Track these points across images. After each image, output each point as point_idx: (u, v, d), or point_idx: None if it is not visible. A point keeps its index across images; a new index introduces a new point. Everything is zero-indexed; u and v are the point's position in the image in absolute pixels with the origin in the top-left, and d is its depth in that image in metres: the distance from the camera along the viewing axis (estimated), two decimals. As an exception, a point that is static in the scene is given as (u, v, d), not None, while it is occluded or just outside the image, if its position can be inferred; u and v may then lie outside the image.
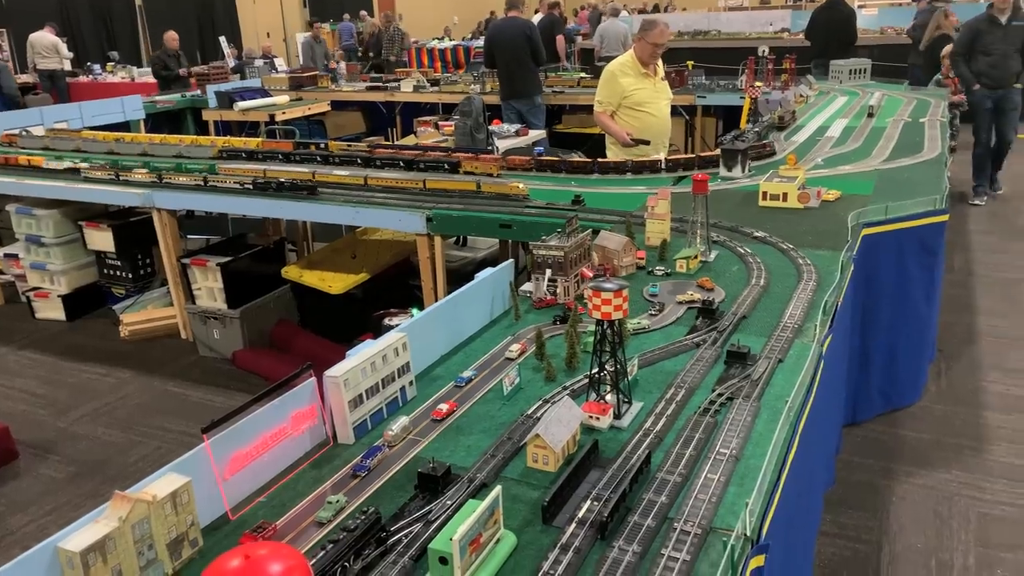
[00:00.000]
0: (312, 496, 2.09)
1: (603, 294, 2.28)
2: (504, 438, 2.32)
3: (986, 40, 8.52)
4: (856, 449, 4.29)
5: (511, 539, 1.88)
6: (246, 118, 9.96)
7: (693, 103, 9.36)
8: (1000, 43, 8.46)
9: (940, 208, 4.29)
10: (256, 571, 1.15)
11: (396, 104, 11.01)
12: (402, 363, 2.54)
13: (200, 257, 5.76)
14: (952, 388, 4.91)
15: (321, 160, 5.91)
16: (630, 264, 3.64)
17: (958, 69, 8.78)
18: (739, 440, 2.23)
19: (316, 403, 2.32)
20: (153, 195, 5.77)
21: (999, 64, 8.51)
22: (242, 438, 2.07)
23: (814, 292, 3.27)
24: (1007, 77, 8.59)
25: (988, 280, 6.63)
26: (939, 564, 3.45)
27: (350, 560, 1.76)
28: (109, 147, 7.00)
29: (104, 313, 6.75)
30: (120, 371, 5.74)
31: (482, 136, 7.50)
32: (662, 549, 1.81)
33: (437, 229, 4.85)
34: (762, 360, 2.69)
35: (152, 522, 1.77)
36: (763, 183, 4.60)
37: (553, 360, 2.76)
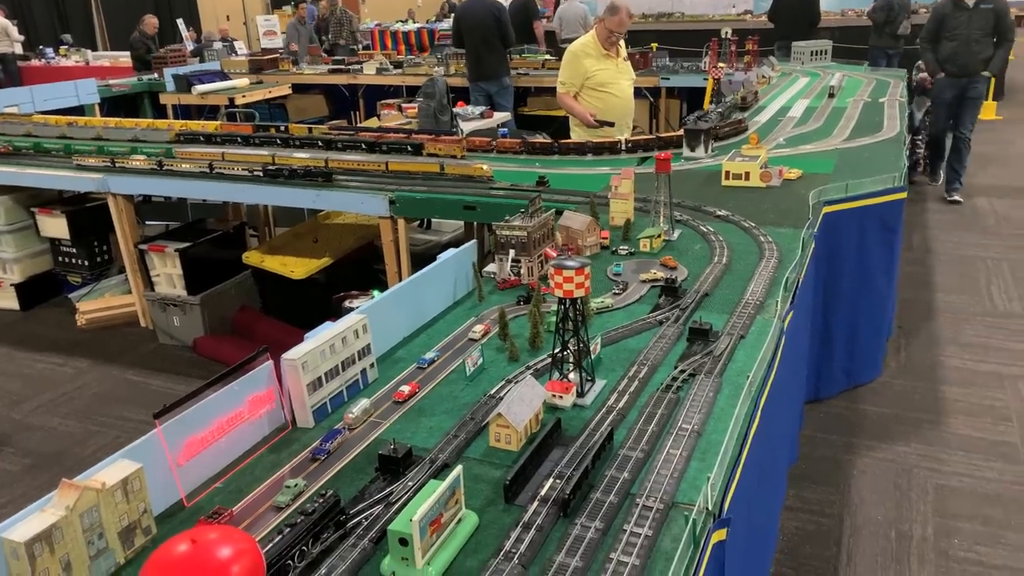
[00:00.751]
0: (270, 481, 2.04)
1: (565, 272, 2.25)
2: (467, 418, 2.29)
3: (951, 24, 8.04)
4: (819, 425, 4.35)
5: (473, 519, 1.86)
6: (205, 102, 9.74)
7: (657, 85, 9.36)
8: (965, 28, 7.95)
9: (899, 186, 4.35)
10: (204, 555, 1.11)
11: (359, 87, 10.85)
12: (362, 345, 2.50)
13: (158, 243, 5.64)
14: (911, 363, 5.00)
15: (281, 143, 5.80)
16: (594, 244, 3.63)
17: (924, 56, 8.45)
18: (701, 416, 2.24)
19: (273, 387, 2.27)
20: (108, 180, 5.63)
21: (963, 51, 8.02)
22: (196, 423, 2.02)
23: (775, 269, 3.29)
24: (973, 64, 8.04)
25: (945, 258, 6.75)
26: (899, 535, 3.51)
27: (308, 544, 1.72)
28: (61, 131, 6.78)
29: (60, 302, 6.58)
30: (77, 360, 5.60)
31: (446, 118, 7.42)
32: (624, 525, 1.80)
33: (400, 212, 4.79)
34: (724, 336, 2.70)
35: (102, 510, 1.71)
36: (725, 162, 4.61)
37: (516, 340, 2.74)
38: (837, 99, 7.04)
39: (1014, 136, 11.33)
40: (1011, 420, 4.32)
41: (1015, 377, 4.76)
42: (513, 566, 1.69)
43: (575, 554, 1.71)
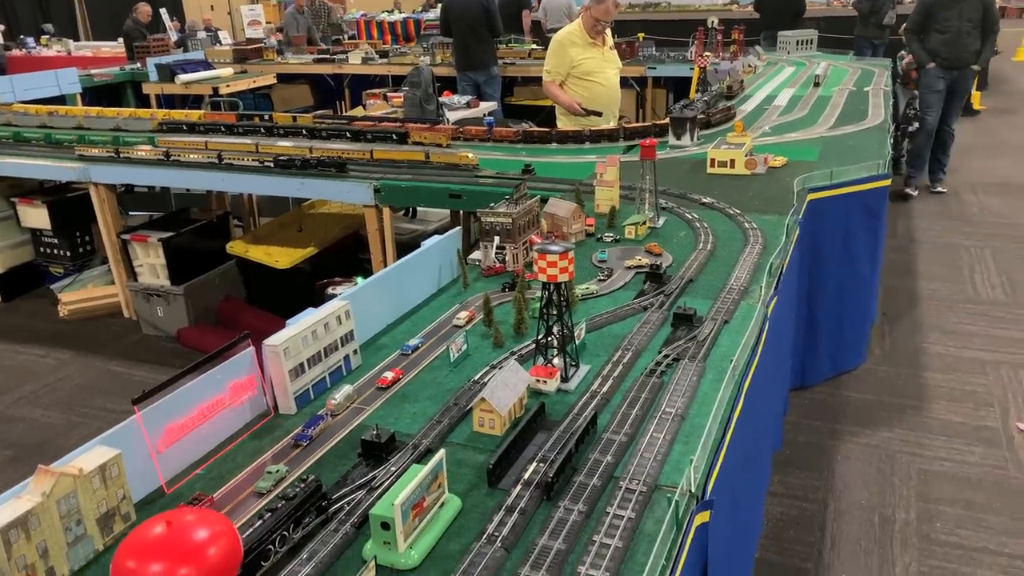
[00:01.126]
0: (252, 467, 2.03)
1: (549, 256, 2.25)
2: (450, 404, 2.28)
3: (940, 16, 7.77)
4: (803, 412, 4.37)
5: (456, 503, 1.85)
6: (189, 91, 9.65)
7: (644, 74, 9.36)
8: (956, 19, 7.70)
9: (883, 173, 4.36)
10: (179, 537, 1.10)
11: (344, 76, 10.78)
12: (345, 331, 2.48)
13: (141, 233, 5.58)
14: (895, 350, 5.03)
15: (265, 132, 5.75)
16: (579, 231, 3.62)
17: (911, 46, 8.14)
18: (684, 400, 2.24)
19: (255, 373, 2.25)
20: (89, 169, 5.56)
21: (954, 42, 7.76)
22: (176, 409, 2.00)
23: (760, 255, 3.29)
24: (965, 56, 7.81)
25: (929, 246, 6.79)
26: (882, 519, 3.54)
27: (289, 529, 1.71)
28: (42, 120, 6.70)
29: (42, 293, 6.52)
30: (60, 352, 5.55)
31: (432, 107, 7.38)
32: (607, 507, 1.80)
33: (385, 200, 4.76)
34: (708, 322, 2.70)
35: (79, 497, 1.69)
36: (711, 150, 4.61)
37: (501, 327, 2.73)
38: (822, 88, 7.06)
39: (997, 126, 11.40)
40: (992, 406, 4.36)
41: (997, 363, 4.80)
42: (496, 549, 1.69)
43: (558, 536, 1.71)
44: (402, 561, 1.67)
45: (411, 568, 1.66)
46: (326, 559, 1.69)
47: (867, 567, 3.26)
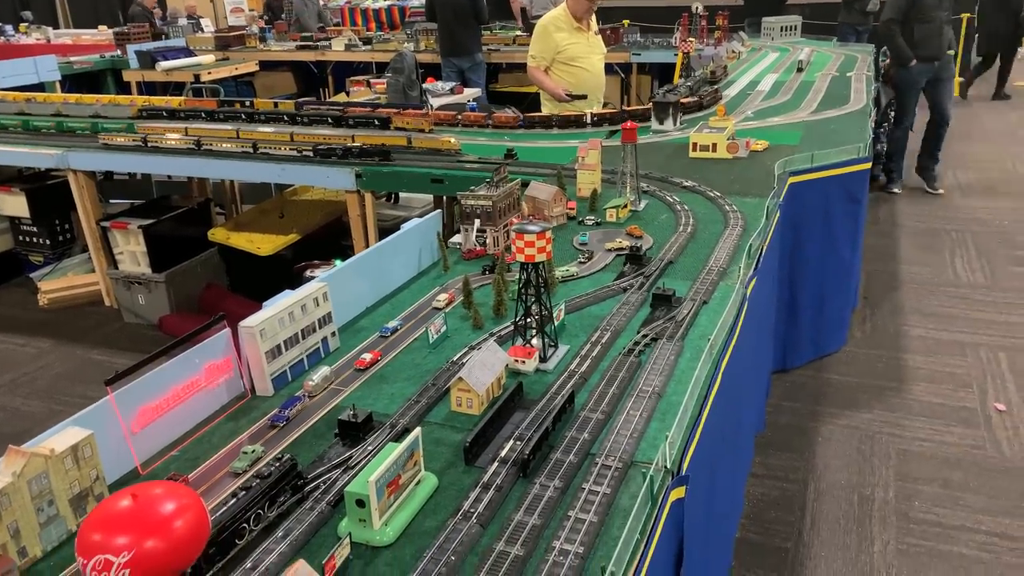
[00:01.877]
0: (227, 448, 2.02)
1: (526, 236, 2.24)
2: (428, 384, 2.28)
3: (927, 6, 7.28)
4: (784, 394, 4.40)
5: (432, 480, 1.85)
6: (170, 78, 9.55)
7: (628, 61, 9.34)
8: (938, 8, 7.34)
9: (864, 156, 4.38)
10: (146, 510, 1.09)
11: (328, 64, 10.70)
12: (323, 313, 2.47)
13: (121, 220, 5.53)
14: (876, 333, 5.07)
15: (246, 118, 5.70)
16: (560, 214, 3.61)
17: (893, 40, 7.52)
18: (662, 378, 2.24)
19: (231, 355, 2.24)
20: (68, 156, 5.50)
21: (936, 33, 7.38)
22: (150, 391, 1.99)
23: (740, 237, 3.30)
24: (945, 46, 7.52)
25: (910, 230, 6.83)
26: (861, 498, 3.57)
27: (264, 508, 1.71)
28: (19, 107, 6.61)
29: (21, 282, 6.46)
30: (40, 340, 5.50)
31: (415, 93, 7.34)
32: (583, 483, 1.81)
33: (367, 185, 4.74)
34: (687, 302, 2.71)
35: (51, 477, 1.68)
36: (693, 134, 4.62)
37: (481, 309, 2.73)
38: (806, 73, 7.07)
39: (979, 111, 11.47)
40: (971, 387, 4.40)
41: (976, 345, 4.85)
42: (471, 525, 1.69)
43: (534, 512, 1.71)
44: (377, 538, 1.66)
45: (386, 545, 1.66)
46: (301, 537, 1.69)
47: (846, 545, 3.30)
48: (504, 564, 1.56)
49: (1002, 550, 3.22)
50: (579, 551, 1.60)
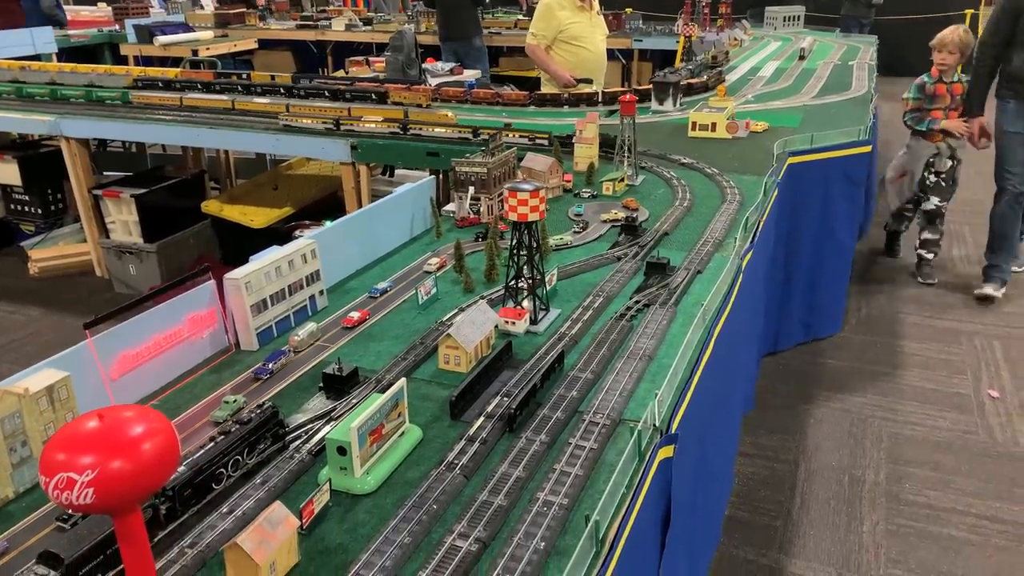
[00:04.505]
0: (209, 398, 1.98)
1: (519, 194, 2.20)
2: (416, 343, 2.25)
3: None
4: (777, 376, 4.37)
5: (416, 433, 1.82)
6: (167, 54, 9.45)
7: (630, 47, 9.28)
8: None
9: (864, 139, 4.34)
10: (112, 432, 1.05)
11: (327, 44, 10.62)
12: (311, 271, 2.43)
13: (114, 189, 5.47)
14: (871, 319, 5.04)
15: (242, 90, 5.64)
16: (556, 186, 3.57)
17: (981, 70, 5.11)
18: (653, 342, 2.21)
19: (216, 307, 2.20)
20: (60, 123, 5.44)
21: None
22: (131, 338, 1.95)
23: (737, 212, 3.27)
24: None
25: (909, 222, 6.80)
26: (852, 479, 3.55)
27: (244, 454, 1.67)
28: (14, 75, 6.55)
29: (12, 251, 6.39)
30: (29, 308, 5.45)
31: (414, 72, 7.25)
32: (570, 439, 1.77)
33: (362, 158, 4.69)
34: (681, 271, 2.67)
35: (25, 417, 1.64)
36: (692, 113, 4.58)
37: (472, 274, 2.69)
38: (807, 61, 7.03)
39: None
40: (965, 373, 4.38)
41: (971, 333, 4.82)
42: (455, 475, 1.65)
43: (519, 465, 1.68)
44: (358, 486, 1.63)
45: (367, 493, 1.63)
46: (280, 484, 1.65)
47: (835, 525, 3.27)
48: (487, 513, 1.53)
49: (992, 532, 3.20)
50: (563, 502, 1.56)
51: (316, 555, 1.47)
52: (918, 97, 5.41)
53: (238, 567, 1.37)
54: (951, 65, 5.29)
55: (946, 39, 5.27)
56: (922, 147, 5.48)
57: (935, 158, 5.42)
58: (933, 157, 5.43)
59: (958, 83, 5.33)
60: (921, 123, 5.42)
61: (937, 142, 5.41)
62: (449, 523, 1.52)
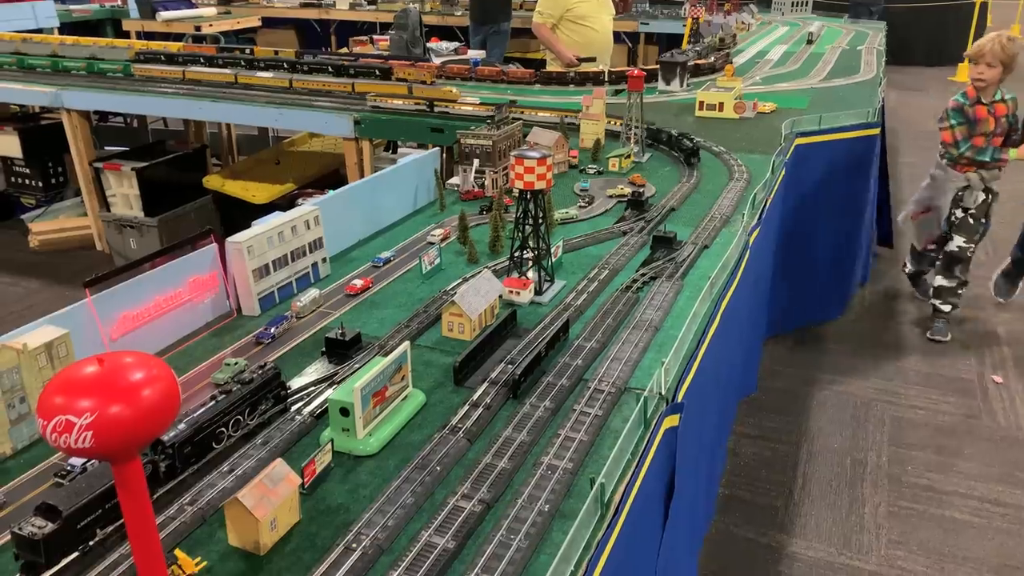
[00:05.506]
0: (210, 361, 1.96)
1: (526, 161, 2.17)
2: (419, 311, 2.22)
3: None
4: (781, 359, 4.35)
5: (420, 397, 1.80)
6: (170, 29, 9.38)
7: (636, 30, 9.21)
8: None
9: (872, 121, 4.30)
10: (112, 376, 1.03)
11: (331, 23, 10.54)
12: (314, 237, 2.40)
13: (115, 162, 5.43)
14: (875, 305, 5.01)
15: (245, 64, 5.58)
16: (562, 161, 3.54)
17: None
18: (659, 313, 2.18)
19: (218, 271, 2.17)
20: (62, 94, 5.39)
21: None
22: (132, 298, 1.92)
23: (744, 190, 3.23)
24: None
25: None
26: (854, 461, 3.53)
27: (244, 414, 1.65)
28: (15, 47, 6.49)
29: (13, 224, 6.35)
30: (29, 281, 5.43)
31: (419, 51, 7.20)
32: (575, 405, 1.75)
33: (365, 133, 4.65)
34: (688, 245, 2.64)
35: (23, 373, 1.62)
36: (700, 93, 4.53)
37: (477, 245, 2.66)
38: (815, 46, 6.97)
39: (988, 99, 11.35)
40: (969, 360, 4.36)
41: (975, 319, 4.80)
42: (458, 439, 1.63)
43: (523, 430, 1.66)
44: (360, 448, 1.61)
45: (370, 455, 1.61)
46: (281, 445, 1.63)
47: (837, 506, 3.26)
48: (491, 476, 1.51)
49: (994, 515, 3.19)
50: (568, 467, 1.54)
51: (317, 514, 1.45)
52: (961, 122, 4.33)
53: (238, 523, 1.35)
54: (991, 81, 4.26)
55: (984, 49, 4.27)
56: (949, 177, 4.48)
57: (964, 191, 4.42)
58: (962, 190, 4.43)
59: (1002, 102, 4.33)
60: (983, 153, 4.30)
61: (968, 172, 4.40)
62: (452, 485, 1.50)
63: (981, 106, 4.31)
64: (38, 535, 1.26)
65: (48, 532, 1.26)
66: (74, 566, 1.30)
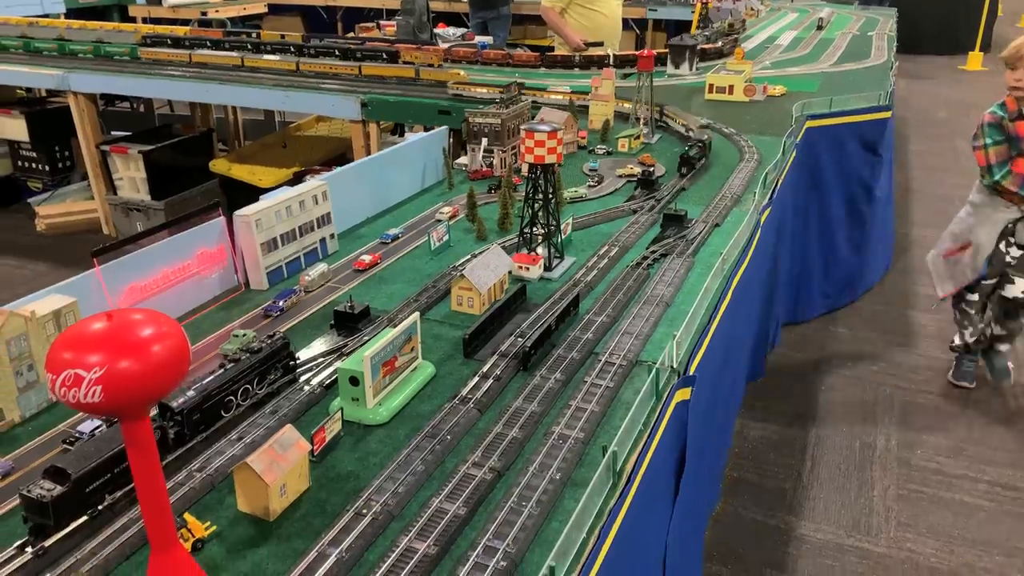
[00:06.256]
0: (218, 333, 1.95)
1: (537, 135, 2.15)
2: (428, 285, 2.20)
3: None
4: (791, 343, 4.32)
5: (429, 368, 1.78)
6: (177, 15, 9.36)
7: (644, 16, 9.14)
8: None
9: (884, 104, 4.26)
10: (121, 332, 1.01)
11: (337, 9, 10.50)
12: (322, 213, 2.39)
13: (121, 145, 5.42)
14: (886, 291, 4.98)
15: (252, 48, 5.56)
16: (571, 142, 3.51)
17: None
18: (671, 289, 2.16)
19: (225, 245, 2.16)
20: (69, 77, 5.38)
21: None
22: (140, 269, 1.91)
23: (755, 170, 3.20)
24: None
25: (924, 196, 6.72)
26: (863, 445, 3.51)
27: (253, 383, 1.64)
28: (22, 31, 6.47)
29: (20, 208, 6.35)
30: (36, 264, 5.43)
31: (426, 36, 7.16)
32: (585, 377, 1.74)
33: (372, 115, 4.62)
34: (698, 223, 2.62)
35: (31, 341, 1.61)
36: (710, 75, 4.50)
37: (485, 223, 2.64)
38: (825, 31, 6.91)
39: (1000, 86, 11.25)
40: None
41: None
42: (469, 409, 1.62)
43: (533, 400, 1.65)
44: (370, 417, 1.60)
45: (379, 424, 1.60)
46: (291, 415, 1.62)
47: (845, 489, 3.24)
48: (501, 444, 1.50)
49: (1004, 499, 3.17)
50: (579, 436, 1.53)
51: (327, 481, 1.44)
52: (999, 140, 3.52)
53: (247, 488, 1.34)
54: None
55: (1022, 53, 3.52)
56: (996, 207, 3.61)
57: (1018, 224, 3.56)
58: (1014, 223, 3.56)
59: None
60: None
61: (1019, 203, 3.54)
62: (463, 453, 1.49)
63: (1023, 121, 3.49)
64: (47, 497, 1.25)
65: (57, 494, 1.26)
66: (83, 529, 1.30)
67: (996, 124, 3.55)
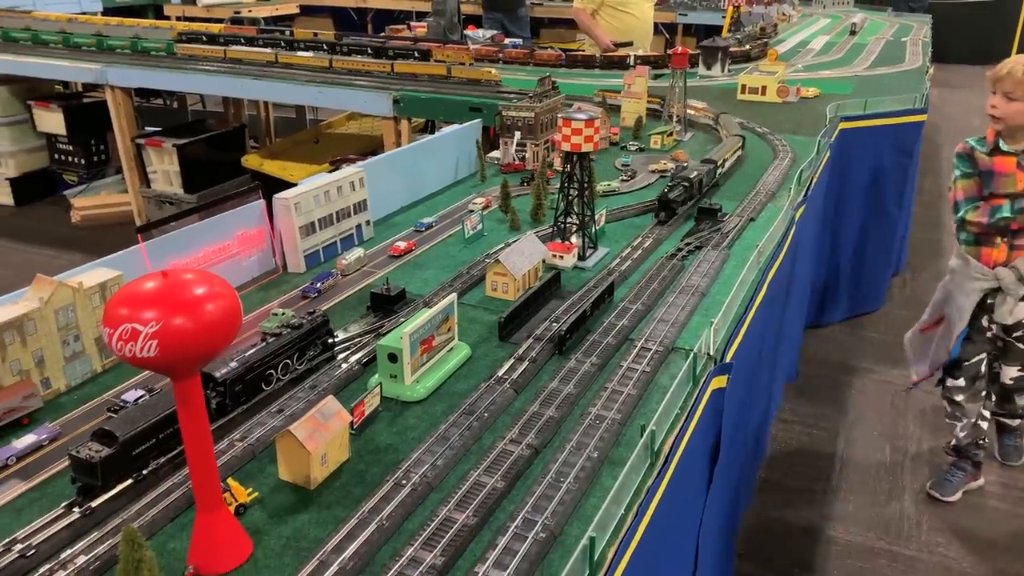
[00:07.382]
0: (257, 312, 1.97)
1: (574, 123, 2.16)
2: (463, 272, 2.22)
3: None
4: (820, 348, 4.28)
5: (465, 349, 1.79)
6: (211, 15, 9.50)
7: (674, 21, 9.13)
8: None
9: (919, 107, 4.21)
10: (176, 291, 1.03)
11: (368, 11, 10.59)
12: (359, 199, 2.41)
13: (156, 138, 5.50)
14: (915, 296, 4.92)
15: (285, 45, 5.62)
16: (604, 138, 3.51)
17: None
18: (706, 280, 2.16)
19: (264, 228, 2.18)
20: (107, 71, 5.47)
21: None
22: (182, 246, 1.94)
23: (789, 167, 3.19)
24: None
25: (957, 204, 6.64)
26: (893, 449, 3.47)
27: (293, 358, 1.65)
28: (61, 27, 6.60)
29: (55, 201, 6.47)
30: (71, 254, 5.52)
31: (456, 37, 7.20)
32: (621, 362, 1.73)
33: (404, 111, 4.65)
34: (734, 217, 2.61)
35: (78, 311, 1.64)
36: (743, 76, 4.48)
37: (519, 214, 2.65)
38: (858, 36, 6.86)
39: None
40: (1013, 352, 4.25)
41: (1020, 314, 4.68)
42: (505, 389, 1.63)
43: (569, 382, 1.65)
44: (408, 393, 1.61)
45: (417, 400, 1.61)
46: (330, 389, 1.64)
47: (875, 492, 3.20)
48: (538, 423, 1.50)
49: (1039, 506, 3.11)
50: (616, 417, 1.53)
51: (366, 453, 1.45)
52: (968, 174, 2.94)
53: (289, 456, 1.35)
54: (1010, 119, 2.87)
55: (1002, 72, 2.94)
56: (970, 272, 2.96)
57: (994, 295, 2.97)
58: (991, 295, 2.97)
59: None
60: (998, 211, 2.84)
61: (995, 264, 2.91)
62: (500, 430, 1.49)
63: (1002, 156, 2.89)
64: (95, 458, 1.27)
65: (104, 456, 1.28)
66: (128, 492, 1.32)
67: (966, 155, 2.95)
